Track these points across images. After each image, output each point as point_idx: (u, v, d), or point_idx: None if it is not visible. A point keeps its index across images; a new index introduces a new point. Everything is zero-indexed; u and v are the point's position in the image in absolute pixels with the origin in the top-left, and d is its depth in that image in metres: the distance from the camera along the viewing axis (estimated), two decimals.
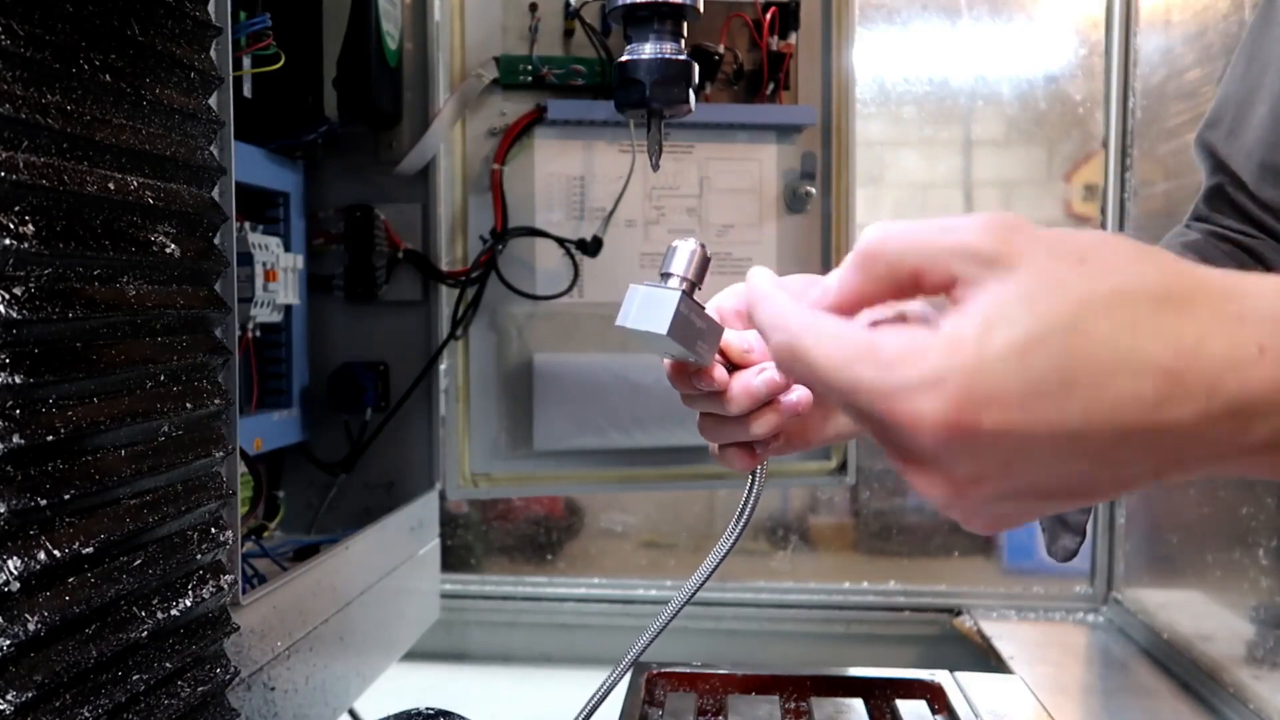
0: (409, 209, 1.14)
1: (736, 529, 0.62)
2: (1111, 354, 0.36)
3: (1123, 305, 0.37)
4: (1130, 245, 0.38)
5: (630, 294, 0.54)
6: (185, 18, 0.62)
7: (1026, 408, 0.37)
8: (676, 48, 0.86)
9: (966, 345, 0.37)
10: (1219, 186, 0.79)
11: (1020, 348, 0.36)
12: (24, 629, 0.47)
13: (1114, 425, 0.37)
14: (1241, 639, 1.25)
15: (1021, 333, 0.36)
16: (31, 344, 0.49)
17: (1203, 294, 0.37)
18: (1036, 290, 0.37)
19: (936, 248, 0.39)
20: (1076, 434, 0.37)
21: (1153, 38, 1.54)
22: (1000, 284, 0.37)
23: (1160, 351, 0.36)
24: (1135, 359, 0.36)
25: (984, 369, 0.37)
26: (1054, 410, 0.36)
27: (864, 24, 1.60)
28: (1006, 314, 0.37)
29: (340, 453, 1.14)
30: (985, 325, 0.37)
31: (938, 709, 0.85)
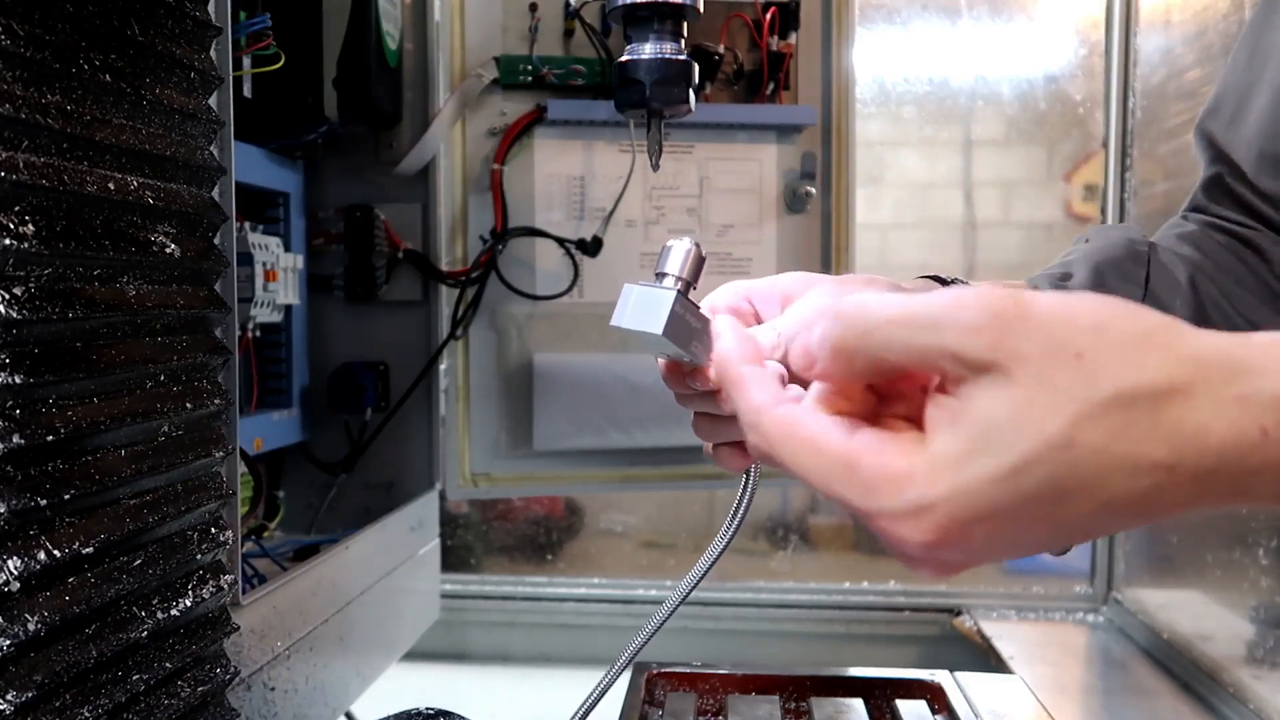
0: (409, 209, 1.14)
1: (730, 529, 0.61)
2: (1105, 461, 0.36)
3: (1120, 409, 0.36)
4: (1132, 329, 0.37)
5: (625, 293, 0.53)
6: (185, 18, 0.62)
7: (1019, 517, 0.37)
8: (676, 48, 0.86)
9: (951, 469, 0.37)
10: (1218, 176, 0.79)
11: (1011, 470, 0.36)
12: (24, 629, 0.47)
13: (1106, 517, 0.37)
14: (1241, 639, 1.24)
15: (1013, 457, 0.36)
16: (31, 344, 0.49)
17: (1204, 377, 0.37)
18: (1030, 404, 0.36)
19: (923, 349, 0.38)
20: (1067, 530, 0.38)
21: (1153, 38, 1.54)
22: (993, 394, 0.37)
23: (1157, 449, 0.36)
24: (1131, 461, 0.36)
25: (973, 493, 0.37)
26: (1047, 517, 0.37)
27: (864, 24, 1.60)
28: (998, 434, 0.36)
29: (340, 453, 1.14)
30: (975, 447, 0.37)
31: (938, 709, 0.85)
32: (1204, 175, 0.81)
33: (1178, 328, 0.38)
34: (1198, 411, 0.36)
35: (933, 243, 1.71)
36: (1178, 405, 0.36)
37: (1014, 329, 0.37)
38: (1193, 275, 0.73)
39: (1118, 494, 0.36)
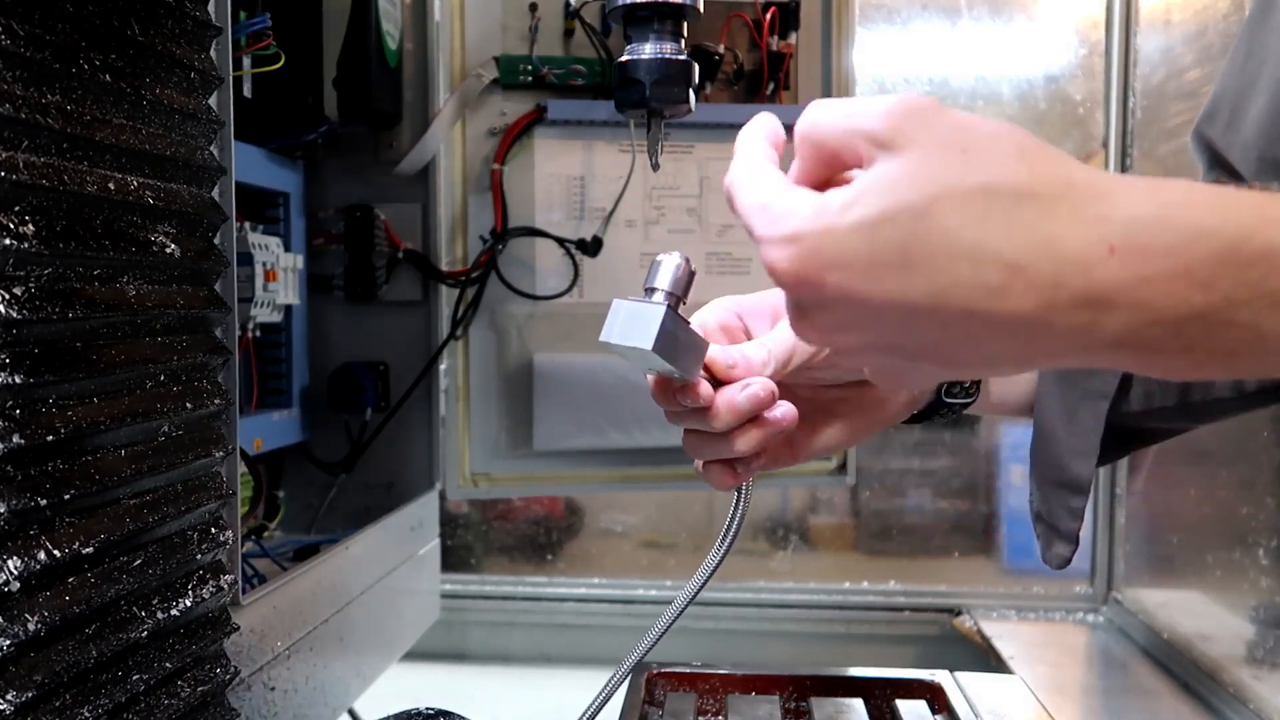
0: (409, 209, 1.14)
1: (722, 548, 0.61)
2: (954, 243, 0.40)
3: (981, 200, 0.40)
4: (1019, 142, 0.41)
5: (614, 309, 0.53)
6: (185, 18, 0.62)
7: (869, 276, 0.40)
8: (676, 48, 0.86)
9: (829, 214, 0.41)
10: (1216, 182, 0.78)
11: (870, 223, 0.40)
12: (24, 629, 0.47)
13: (954, 306, 0.40)
14: (1241, 639, 1.24)
15: (874, 210, 0.40)
16: (31, 344, 0.49)
17: (1070, 195, 0.40)
18: (905, 175, 0.40)
19: (846, 130, 0.43)
20: (917, 307, 0.40)
21: (1153, 38, 1.54)
22: (882, 165, 0.41)
23: (1005, 246, 0.39)
24: (978, 250, 0.39)
25: (834, 235, 0.41)
26: (895, 283, 0.40)
27: (864, 24, 1.60)
28: (871, 191, 0.41)
29: (340, 453, 1.14)
30: (852, 198, 0.41)
31: (938, 709, 0.85)
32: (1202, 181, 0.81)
33: (1065, 157, 0.42)
34: (1053, 222, 0.39)
35: None
36: (1035, 211, 0.39)
37: (920, 119, 0.41)
38: None
39: (960, 281, 0.40)
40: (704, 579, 0.62)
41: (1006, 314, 0.40)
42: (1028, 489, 0.72)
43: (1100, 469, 0.73)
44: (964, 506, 1.67)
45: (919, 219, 0.40)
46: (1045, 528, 0.71)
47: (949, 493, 1.67)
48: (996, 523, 1.67)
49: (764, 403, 0.56)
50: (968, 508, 1.67)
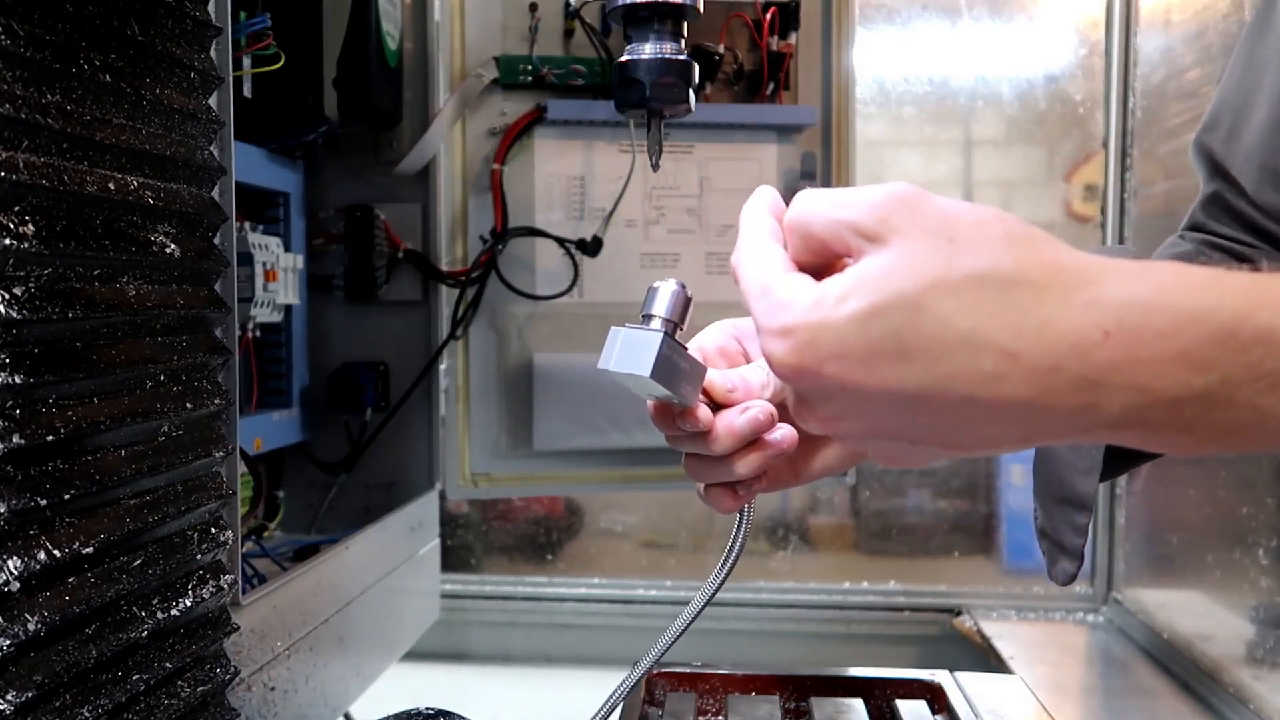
0: (409, 209, 1.14)
1: (724, 571, 0.61)
2: (948, 332, 0.40)
3: (972, 288, 0.40)
4: (1006, 228, 0.42)
5: (611, 336, 0.53)
6: (185, 18, 0.62)
7: (867, 367, 0.42)
8: (676, 48, 0.86)
9: (824, 306, 0.42)
10: (1217, 193, 0.78)
11: (865, 315, 0.41)
12: (24, 629, 0.47)
13: (952, 394, 0.41)
14: (1241, 639, 1.24)
15: (868, 303, 0.41)
16: (31, 344, 0.49)
17: (1060, 280, 0.40)
18: (895, 266, 0.41)
19: (834, 222, 0.44)
20: (915, 396, 0.41)
21: (1153, 38, 1.54)
22: (872, 258, 0.42)
23: (1000, 333, 0.40)
24: (974, 339, 0.40)
25: (830, 328, 0.42)
26: (893, 373, 0.41)
27: (864, 24, 1.60)
28: (864, 283, 0.42)
29: (340, 453, 1.14)
30: (845, 290, 0.42)
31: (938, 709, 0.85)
32: (1203, 192, 0.80)
33: (1052, 241, 0.42)
34: (1046, 307, 0.40)
35: None
36: (1027, 298, 0.40)
37: (906, 210, 0.42)
38: None
39: (957, 369, 0.40)
40: (705, 600, 0.62)
41: (1005, 399, 0.40)
42: (1030, 495, 0.72)
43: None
44: (964, 506, 1.67)
45: (913, 310, 0.41)
46: (1050, 544, 0.71)
47: (949, 493, 1.67)
48: (996, 523, 1.67)
49: (763, 426, 0.56)
50: (968, 508, 1.67)
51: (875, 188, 0.43)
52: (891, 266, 0.41)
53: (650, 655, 0.65)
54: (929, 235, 0.41)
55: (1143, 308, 0.39)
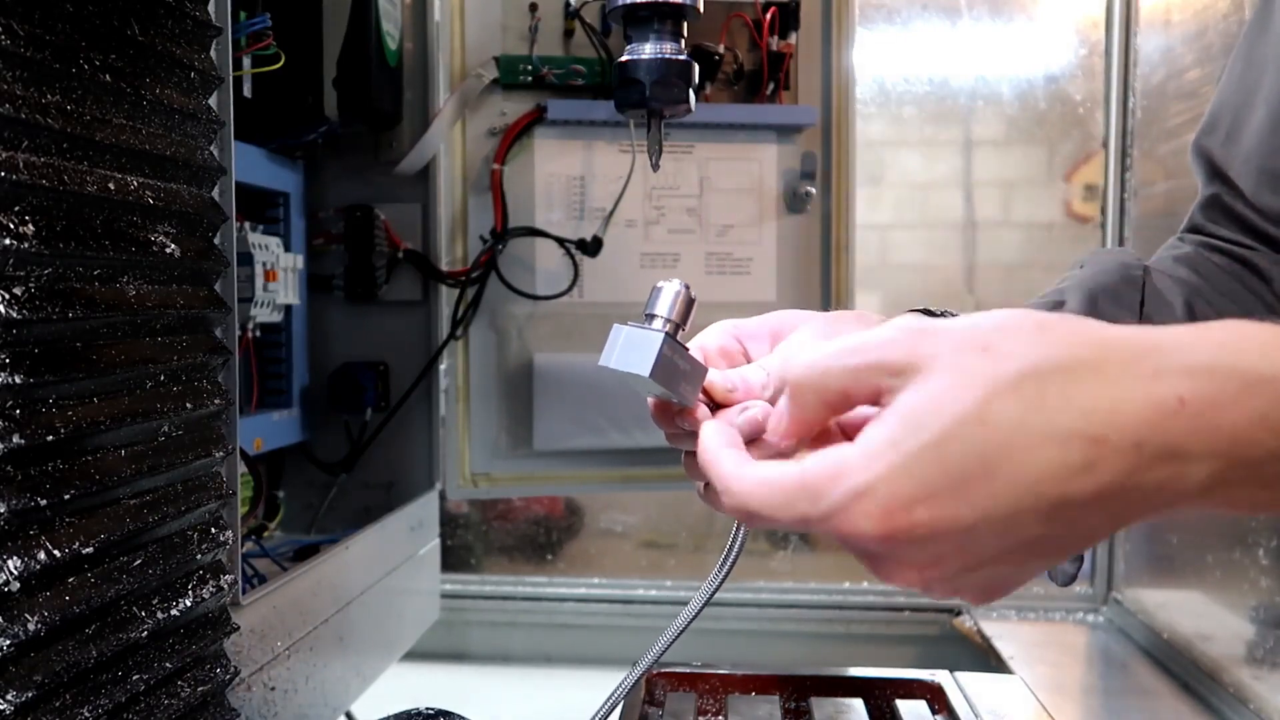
0: (409, 209, 1.14)
1: (722, 572, 0.61)
2: (1025, 433, 0.39)
3: (1031, 385, 0.39)
4: (1032, 322, 0.41)
5: (614, 334, 0.53)
6: (185, 18, 0.62)
7: (956, 497, 0.39)
8: (676, 48, 0.86)
9: (884, 452, 0.40)
10: (1215, 196, 0.78)
11: (935, 444, 0.39)
12: (24, 629, 0.47)
13: (1046, 497, 0.39)
14: (1241, 639, 1.24)
15: (933, 431, 0.39)
16: (31, 344, 0.49)
17: (1113, 356, 0.39)
18: (944, 388, 0.40)
19: (855, 369, 0.42)
20: (1013, 512, 0.39)
21: (1153, 38, 1.54)
22: (913, 389, 0.40)
23: (1076, 420, 0.38)
24: (1052, 432, 0.39)
25: (904, 470, 0.40)
26: (983, 494, 0.39)
27: (864, 24, 1.60)
28: (918, 415, 0.40)
29: (340, 453, 1.14)
30: (899, 432, 0.40)
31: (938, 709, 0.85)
32: (1202, 195, 0.80)
33: (1081, 320, 0.41)
34: (1113, 386, 0.39)
35: (933, 243, 1.71)
36: (1090, 380, 0.39)
37: (926, 336, 0.41)
38: (1189, 298, 0.72)
39: (1048, 467, 0.39)
40: (704, 601, 0.62)
41: (1100, 489, 0.39)
42: None
43: None
44: None
45: (980, 425, 0.39)
46: None
47: None
48: None
49: (760, 427, 0.56)
50: None
51: (877, 329, 0.43)
52: (938, 390, 0.40)
53: (648, 656, 0.65)
54: (962, 352, 0.40)
55: (1209, 372, 0.39)
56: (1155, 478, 0.39)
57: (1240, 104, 0.76)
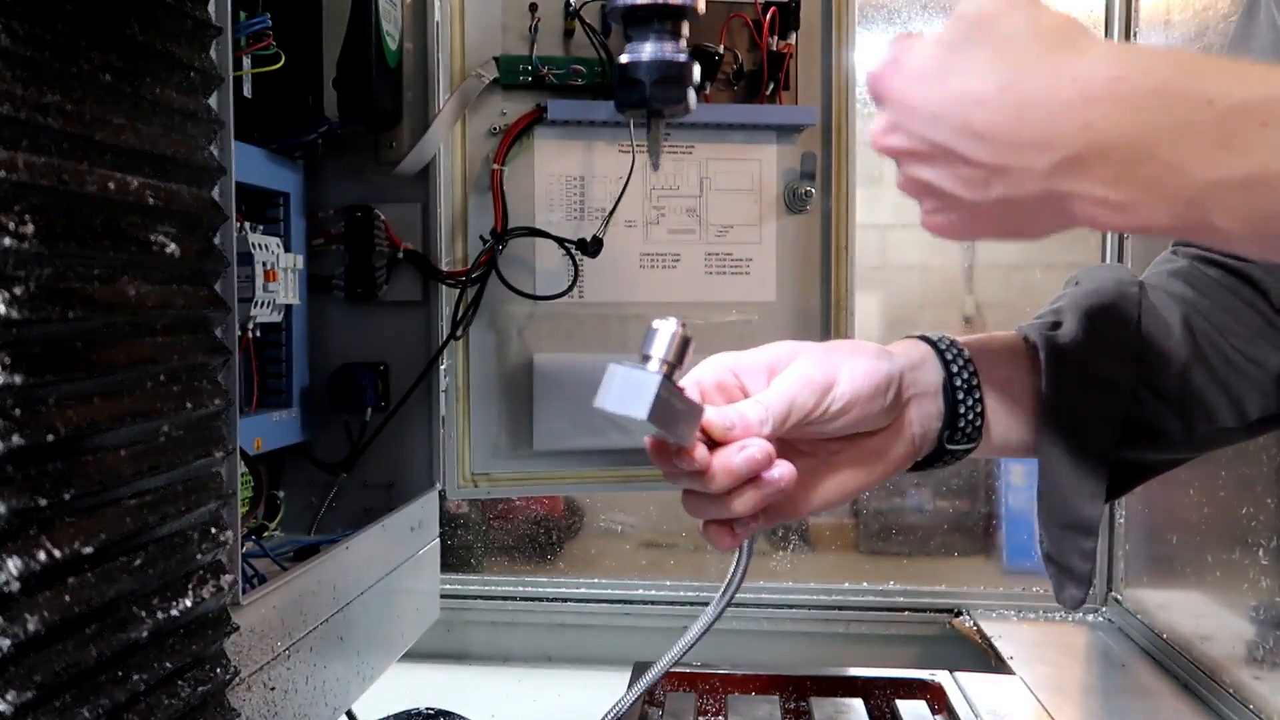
0: (409, 209, 1.14)
1: (721, 603, 0.61)
2: (977, 56, 0.50)
3: (998, 28, 0.51)
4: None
5: (609, 374, 0.53)
6: (185, 18, 0.62)
7: (918, 79, 0.52)
8: (677, 48, 0.86)
9: (923, 45, 0.54)
10: None
11: (936, 50, 0.52)
12: (24, 629, 0.47)
13: (958, 111, 0.50)
14: (1241, 639, 1.25)
15: (952, 30, 0.52)
16: (31, 344, 0.49)
17: (1062, 38, 0.50)
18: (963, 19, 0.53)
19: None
20: (939, 113, 0.51)
21: (1153, 38, 1.54)
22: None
23: (1005, 65, 0.50)
24: (990, 67, 0.50)
25: (916, 51, 0.54)
26: (931, 86, 0.52)
27: (864, 24, 1.60)
28: (951, 35, 0.53)
29: (340, 453, 1.14)
30: (937, 40, 0.53)
31: (938, 709, 0.85)
32: None
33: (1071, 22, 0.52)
34: (1060, 52, 0.50)
35: (932, 243, 1.71)
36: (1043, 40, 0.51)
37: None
38: (1186, 315, 0.72)
39: (967, 82, 0.51)
40: (700, 633, 0.61)
41: (987, 122, 0.50)
42: (1032, 497, 0.72)
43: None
44: (964, 506, 1.68)
45: (979, 22, 0.51)
46: (1056, 569, 0.70)
47: (949, 493, 1.67)
48: (996, 523, 1.67)
49: (760, 465, 0.56)
50: (968, 508, 1.68)
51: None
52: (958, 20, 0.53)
53: (641, 683, 0.65)
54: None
55: (1117, 80, 0.47)
56: (1031, 136, 0.48)
57: None
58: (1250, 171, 0.43)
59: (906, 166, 0.55)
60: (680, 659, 0.62)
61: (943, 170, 0.52)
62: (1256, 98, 0.44)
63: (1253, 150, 0.43)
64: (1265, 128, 0.43)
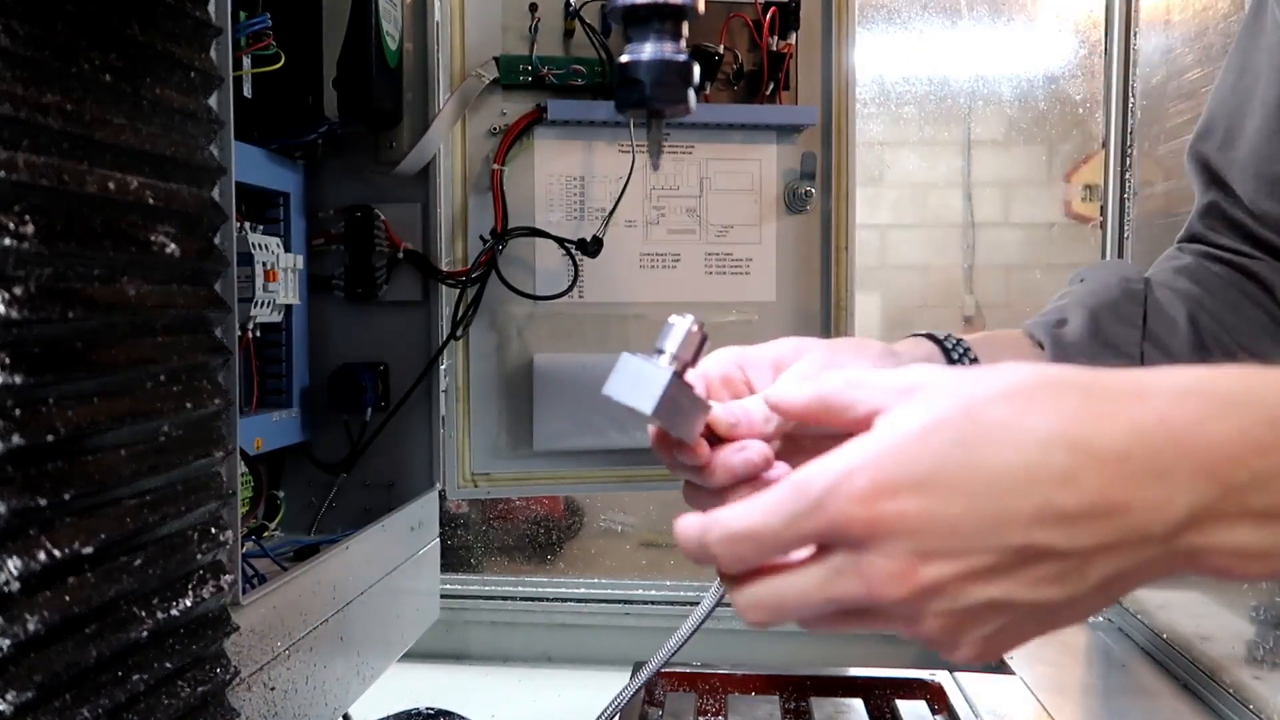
0: (409, 209, 1.14)
1: (716, 596, 0.61)
2: (1010, 432, 0.40)
3: (1018, 395, 0.40)
4: (1028, 366, 0.43)
5: (621, 363, 0.53)
6: (185, 18, 0.62)
7: (942, 486, 0.40)
8: (677, 48, 0.86)
9: (868, 443, 0.42)
10: (1214, 203, 0.78)
11: (919, 434, 0.41)
12: (24, 629, 0.47)
13: (1032, 499, 0.39)
14: (1241, 639, 1.24)
15: (919, 424, 0.41)
16: (31, 344, 0.49)
17: (1103, 379, 0.41)
18: (935, 394, 0.42)
19: (870, 388, 0.46)
20: (999, 510, 0.39)
21: (1153, 38, 1.54)
22: (907, 401, 0.43)
23: (1062, 425, 0.39)
24: (1037, 434, 0.39)
25: (891, 456, 0.41)
26: (969, 484, 0.40)
27: (864, 24, 1.60)
28: (906, 415, 0.42)
29: (340, 453, 1.14)
30: (885, 426, 0.42)
31: (938, 709, 0.85)
32: (1200, 202, 0.80)
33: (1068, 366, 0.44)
34: (1100, 402, 0.40)
35: (933, 243, 1.71)
36: (1078, 396, 0.40)
37: (930, 369, 0.45)
38: (1192, 312, 0.72)
39: (1032, 468, 0.39)
40: (702, 618, 0.62)
41: (1083, 502, 0.39)
42: None
43: None
44: None
45: (968, 419, 0.40)
46: None
47: None
48: None
49: (758, 467, 0.56)
50: None
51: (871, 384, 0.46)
52: (932, 395, 0.42)
53: (639, 677, 0.65)
54: (958, 377, 0.43)
55: (1189, 393, 0.39)
56: (1143, 498, 0.39)
57: (1235, 110, 0.76)
58: None
59: (956, 598, 0.42)
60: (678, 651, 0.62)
61: (1016, 579, 0.41)
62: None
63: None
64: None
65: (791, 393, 0.50)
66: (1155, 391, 0.39)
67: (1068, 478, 0.39)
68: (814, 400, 0.48)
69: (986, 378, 0.41)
